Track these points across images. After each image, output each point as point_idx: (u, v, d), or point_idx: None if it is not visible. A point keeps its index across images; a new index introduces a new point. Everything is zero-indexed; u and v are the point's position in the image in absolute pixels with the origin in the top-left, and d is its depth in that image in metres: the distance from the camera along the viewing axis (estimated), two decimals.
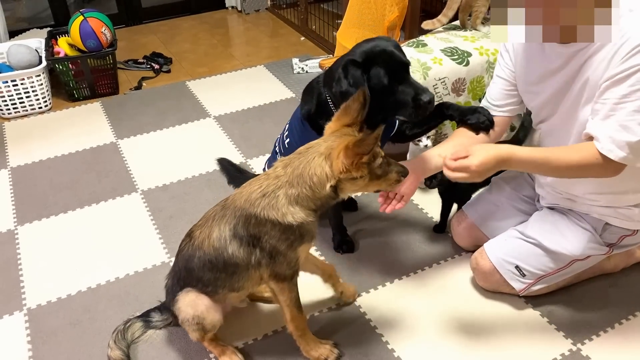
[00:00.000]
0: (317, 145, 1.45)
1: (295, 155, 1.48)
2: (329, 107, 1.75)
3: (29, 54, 3.23)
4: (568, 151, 1.52)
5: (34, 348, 1.85)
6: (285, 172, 1.46)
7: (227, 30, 4.41)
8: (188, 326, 1.66)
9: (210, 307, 1.63)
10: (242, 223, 1.50)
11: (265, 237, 1.49)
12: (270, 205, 1.45)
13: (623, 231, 1.76)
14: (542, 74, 1.63)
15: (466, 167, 1.45)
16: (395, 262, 2.12)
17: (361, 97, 1.45)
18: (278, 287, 1.60)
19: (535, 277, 1.84)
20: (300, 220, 1.46)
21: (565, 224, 1.80)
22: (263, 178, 1.50)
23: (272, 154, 2.19)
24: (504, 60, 1.77)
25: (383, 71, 1.63)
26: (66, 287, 2.07)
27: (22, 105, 3.21)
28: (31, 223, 2.41)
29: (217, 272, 1.58)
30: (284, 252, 1.51)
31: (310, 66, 3.58)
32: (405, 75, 1.67)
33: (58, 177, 2.70)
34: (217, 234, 1.54)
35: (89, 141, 2.97)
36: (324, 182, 1.42)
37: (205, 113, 3.20)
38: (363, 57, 1.65)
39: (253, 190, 1.49)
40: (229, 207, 1.54)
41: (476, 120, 1.79)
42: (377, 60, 1.64)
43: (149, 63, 3.78)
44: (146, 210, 2.45)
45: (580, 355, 1.74)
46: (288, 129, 2.02)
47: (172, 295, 1.69)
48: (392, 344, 1.80)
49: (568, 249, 1.77)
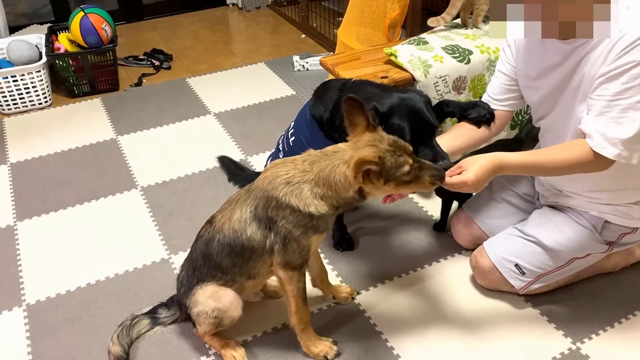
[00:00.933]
0: (342, 151, 1.47)
1: (322, 155, 1.49)
2: (344, 123, 1.74)
3: (29, 49, 3.23)
4: (559, 151, 1.53)
5: (33, 344, 1.84)
6: (312, 170, 1.48)
7: (228, 27, 4.40)
8: (204, 319, 1.65)
9: (233, 300, 1.64)
10: (262, 204, 1.52)
11: (282, 222, 1.51)
12: (294, 193, 1.48)
13: (622, 229, 1.76)
14: (541, 69, 1.64)
15: (463, 182, 1.49)
16: (394, 260, 2.12)
17: (353, 102, 1.44)
18: (287, 276, 1.60)
19: (535, 276, 1.83)
20: (322, 212, 1.49)
21: (564, 222, 1.80)
22: (290, 165, 1.51)
23: (275, 151, 2.18)
24: (505, 55, 1.78)
25: (407, 127, 1.61)
26: (65, 283, 2.07)
27: (22, 101, 3.20)
28: (31, 219, 2.41)
29: (235, 257, 1.59)
30: (298, 238, 1.52)
31: (311, 64, 3.57)
32: (429, 136, 1.65)
33: (58, 173, 2.70)
34: (239, 215, 1.57)
35: (88, 137, 2.97)
36: (347, 188, 1.45)
37: (206, 110, 3.19)
38: (387, 108, 1.64)
39: (278, 174, 1.51)
40: (252, 190, 1.57)
41: (477, 114, 1.80)
42: (402, 114, 1.63)
43: (150, 60, 3.77)
44: (146, 207, 2.45)
45: (580, 354, 1.74)
46: (293, 127, 2.01)
47: (187, 287, 1.69)
48: (391, 342, 1.80)
49: (568, 247, 1.77)
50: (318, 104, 1.86)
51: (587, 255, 1.80)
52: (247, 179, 2.49)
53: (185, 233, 2.26)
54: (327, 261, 2.11)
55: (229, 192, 2.48)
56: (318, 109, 1.84)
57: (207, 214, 1.74)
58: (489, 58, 2.31)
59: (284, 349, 1.78)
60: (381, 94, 1.70)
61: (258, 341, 1.82)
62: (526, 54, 1.69)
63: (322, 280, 1.89)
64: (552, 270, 1.82)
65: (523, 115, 2.47)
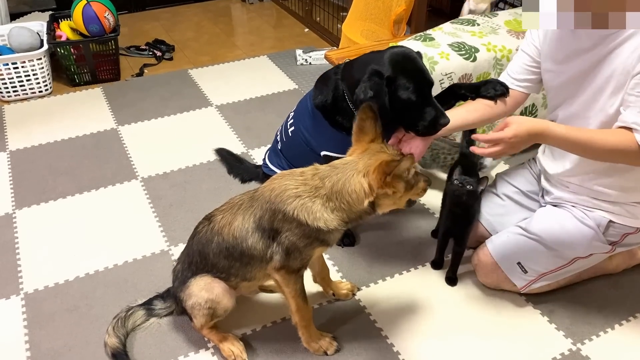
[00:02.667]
0: (353, 162, 1.46)
1: (332, 169, 1.48)
2: (346, 102, 1.75)
3: (30, 36, 3.20)
4: (605, 133, 1.51)
5: (30, 332, 1.83)
6: (325, 186, 1.46)
7: (231, 19, 4.37)
8: (198, 311, 1.64)
9: (226, 291, 1.63)
10: (268, 216, 1.50)
11: (287, 233, 1.49)
12: (305, 207, 1.46)
13: (626, 229, 1.75)
14: (570, 52, 1.62)
15: (500, 138, 1.48)
16: (396, 257, 2.11)
17: (370, 112, 1.47)
18: (284, 280, 1.59)
19: (537, 275, 1.83)
20: (332, 227, 1.48)
21: (568, 221, 1.79)
22: (300, 180, 1.49)
23: (273, 144, 2.17)
24: (531, 36, 1.77)
25: (412, 87, 1.63)
26: (64, 272, 2.05)
27: (22, 89, 3.18)
28: (29, 207, 2.39)
29: (232, 260, 1.58)
30: (302, 249, 1.51)
31: (314, 58, 3.55)
32: (430, 93, 1.67)
33: (57, 161, 2.68)
34: (240, 224, 1.54)
35: (89, 127, 2.95)
36: (362, 199, 1.44)
37: (207, 102, 3.18)
38: (390, 70, 1.63)
39: (287, 188, 1.49)
40: (257, 199, 1.54)
41: (491, 90, 1.80)
42: (405, 74, 1.64)
43: (151, 50, 3.74)
44: (146, 198, 2.43)
45: (580, 355, 1.74)
46: (293, 117, 1.99)
47: (181, 280, 1.68)
48: (391, 339, 1.79)
49: (571, 247, 1.77)
50: (318, 94, 1.85)
51: (590, 255, 1.79)
52: (246, 171, 2.49)
53: (185, 225, 2.25)
54: (328, 256, 2.09)
55: (230, 185, 2.49)
56: (320, 98, 1.84)
57: (208, 207, 1.72)
58: (495, 56, 2.30)
59: (284, 344, 1.77)
60: (377, 57, 1.69)
61: (258, 335, 1.81)
62: (556, 36, 1.67)
63: (324, 277, 1.88)
64: (555, 270, 1.82)
65: (532, 111, 2.47)
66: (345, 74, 1.77)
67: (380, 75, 1.63)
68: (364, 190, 1.43)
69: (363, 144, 1.49)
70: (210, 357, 1.75)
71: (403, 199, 1.51)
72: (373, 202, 1.46)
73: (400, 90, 1.63)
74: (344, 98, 1.75)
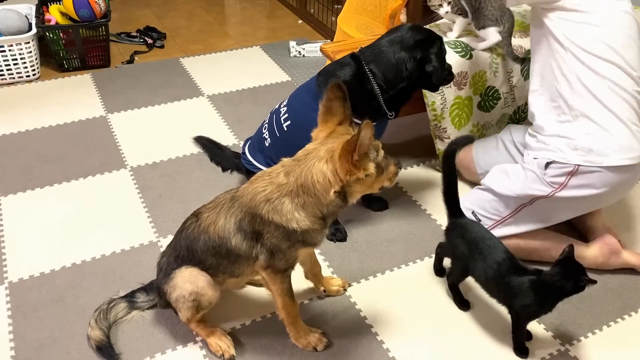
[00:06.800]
0: (315, 150, 1.41)
1: (294, 162, 1.43)
2: (370, 84, 1.90)
3: (18, 19, 3.13)
4: None
5: (14, 322, 1.80)
6: (289, 181, 1.42)
7: (223, 9, 4.32)
8: (182, 304, 1.61)
9: (210, 283, 1.61)
10: (247, 220, 1.48)
11: (268, 236, 1.47)
12: (275, 210, 1.43)
13: (565, 167, 1.80)
14: None
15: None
16: (387, 253, 2.10)
17: (338, 91, 1.41)
18: (270, 278, 1.58)
19: (490, 223, 1.97)
20: (305, 227, 1.44)
21: (512, 169, 1.97)
22: (267, 180, 1.46)
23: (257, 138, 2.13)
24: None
25: (440, 67, 1.92)
26: (50, 262, 2.02)
27: (9, 73, 3.11)
28: (15, 194, 2.34)
29: (220, 258, 1.56)
30: (285, 250, 1.50)
31: (307, 50, 3.52)
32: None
33: (44, 148, 2.63)
34: (223, 224, 1.52)
35: (77, 113, 2.90)
36: (328, 189, 1.39)
37: (199, 91, 3.13)
38: (421, 54, 1.89)
39: (257, 191, 1.46)
40: (237, 200, 1.52)
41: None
42: (437, 54, 1.92)
43: (142, 37, 3.69)
44: (135, 188, 2.40)
45: (569, 355, 1.75)
46: (287, 112, 1.97)
47: (166, 272, 1.65)
48: (381, 336, 1.78)
49: (511, 189, 1.91)
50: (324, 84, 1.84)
51: (532, 200, 1.89)
52: (226, 159, 2.42)
53: (174, 216, 2.21)
54: (319, 252, 2.08)
55: (220, 177, 2.46)
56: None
57: (198, 198, 1.70)
58: (491, 55, 2.29)
59: (273, 339, 1.76)
60: (402, 36, 1.91)
61: (247, 329, 1.80)
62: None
63: (315, 274, 1.86)
64: (505, 218, 1.95)
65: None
66: (370, 57, 1.91)
67: (429, 44, 1.88)
68: (328, 179, 1.37)
69: (330, 125, 1.43)
70: (198, 350, 1.73)
71: (375, 184, 1.46)
72: (344, 192, 1.40)
73: (430, 73, 1.90)
74: (368, 80, 1.89)
